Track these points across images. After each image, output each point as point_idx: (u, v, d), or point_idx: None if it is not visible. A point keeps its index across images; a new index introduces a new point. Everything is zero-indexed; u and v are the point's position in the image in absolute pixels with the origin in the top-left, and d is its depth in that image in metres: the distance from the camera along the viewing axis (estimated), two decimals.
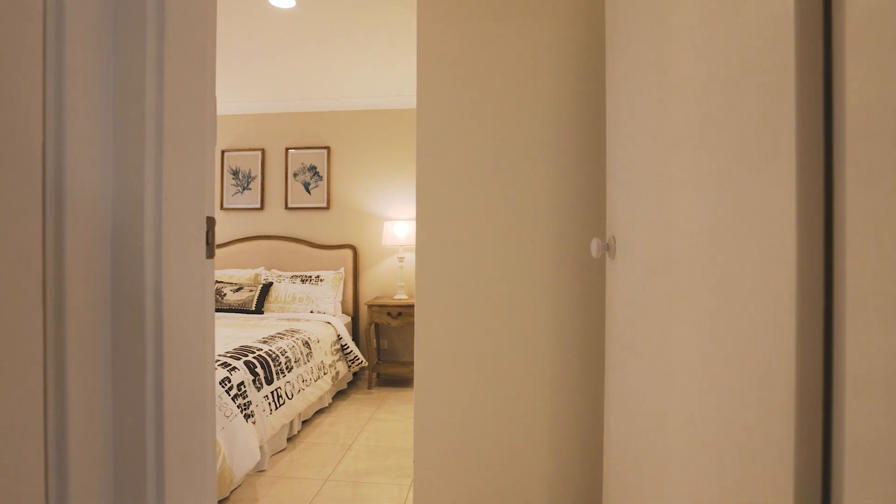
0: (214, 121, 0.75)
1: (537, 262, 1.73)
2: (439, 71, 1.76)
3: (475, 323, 1.75)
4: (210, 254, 0.73)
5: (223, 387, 2.31)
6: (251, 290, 4.08)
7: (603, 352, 1.70)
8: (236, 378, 2.43)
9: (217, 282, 4.21)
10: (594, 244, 1.40)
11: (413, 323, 4.51)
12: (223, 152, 4.69)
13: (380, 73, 3.86)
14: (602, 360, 1.70)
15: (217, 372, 2.35)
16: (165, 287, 0.62)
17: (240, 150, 4.67)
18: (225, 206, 4.69)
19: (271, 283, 4.19)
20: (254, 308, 4.00)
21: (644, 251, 1.13)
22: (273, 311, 4.08)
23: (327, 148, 4.56)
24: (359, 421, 3.38)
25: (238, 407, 2.35)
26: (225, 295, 4.08)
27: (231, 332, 3.22)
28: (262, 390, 2.59)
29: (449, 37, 1.75)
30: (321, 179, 4.57)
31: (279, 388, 2.77)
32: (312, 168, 4.58)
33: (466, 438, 1.75)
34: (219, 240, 4.73)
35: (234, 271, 4.38)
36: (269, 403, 2.63)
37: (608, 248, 1.43)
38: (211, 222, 0.72)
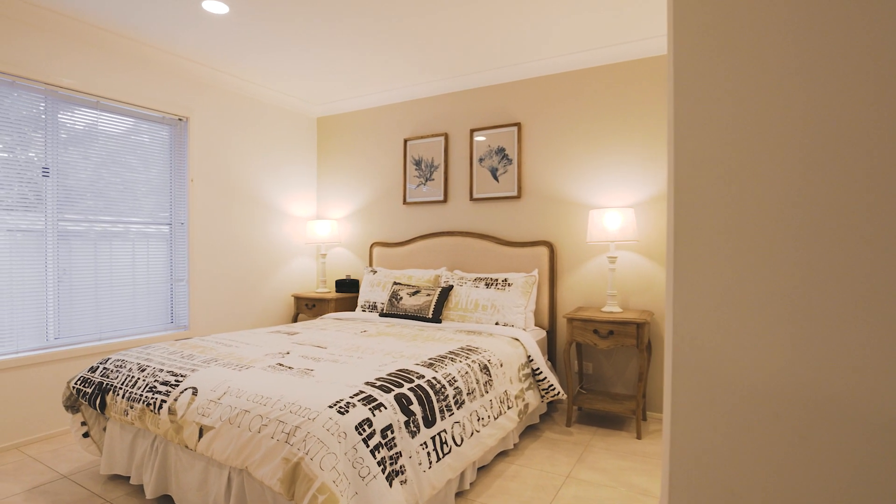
0: None
1: None
2: None
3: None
4: None
5: (360, 433, 1.67)
6: (429, 295, 3.53)
7: None
8: (381, 420, 1.78)
9: (395, 283, 3.79)
10: None
11: (630, 345, 3.39)
12: (405, 141, 4.29)
13: (580, 16, 2.90)
14: None
15: (355, 411, 1.73)
16: None
17: (422, 137, 4.21)
18: (407, 200, 4.28)
19: (451, 287, 3.58)
20: (430, 315, 3.43)
21: None
22: (452, 321, 3.46)
23: (517, 125, 3.78)
24: (552, 478, 2.48)
25: (379, 463, 1.69)
26: (401, 299, 3.61)
27: (397, 347, 2.65)
28: (418, 436, 1.91)
29: None
30: (510, 163, 3.81)
31: (443, 431, 2.05)
32: (500, 150, 3.85)
33: None
34: (399, 237, 4.35)
35: (413, 271, 3.91)
36: (429, 453, 1.93)
37: None
38: None
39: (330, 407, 1.71)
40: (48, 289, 3.03)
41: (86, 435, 2.47)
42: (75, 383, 2.41)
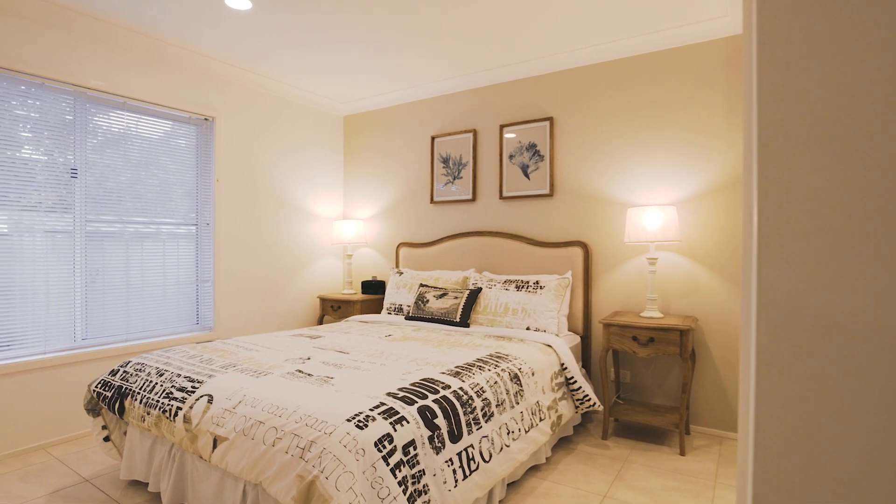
0: None
1: None
2: None
3: None
4: None
5: (380, 450, 1.54)
6: (456, 297, 3.38)
7: None
8: (403, 436, 1.64)
9: (421, 285, 3.66)
10: None
11: (673, 354, 3.18)
12: (432, 139, 4.16)
13: (618, 2, 2.71)
14: None
15: (374, 425, 1.60)
16: None
17: (449, 133, 4.07)
18: (435, 199, 4.15)
19: (480, 289, 3.42)
20: (458, 319, 3.28)
21: None
22: (480, 325, 3.30)
23: (549, 119, 3.59)
24: (588, 496, 2.30)
25: (400, 483, 1.55)
26: (427, 301, 3.48)
27: (422, 353, 2.52)
28: (443, 452, 1.77)
29: None
30: (542, 160, 3.63)
31: (470, 446, 1.91)
32: (531, 146, 3.67)
33: None
34: (426, 237, 4.23)
35: (441, 273, 3.77)
36: (454, 471, 1.79)
37: None
38: None
39: (348, 420, 1.59)
40: (76, 290, 3.03)
41: (106, 439, 2.43)
42: (96, 386, 2.36)
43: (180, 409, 1.95)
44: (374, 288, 4.30)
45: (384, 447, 1.56)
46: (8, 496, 2.31)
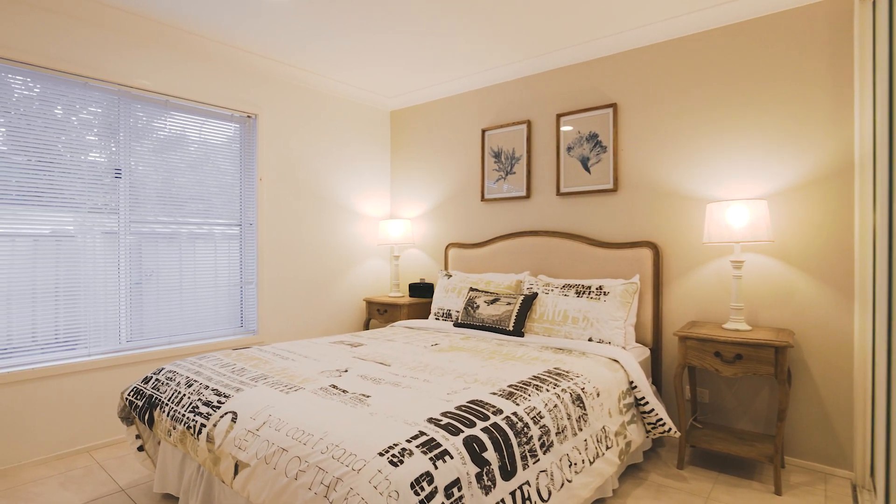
0: None
1: None
2: None
3: None
4: None
5: (417, 493, 1.29)
6: (509, 303, 3.09)
7: None
8: (446, 474, 1.38)
9: (471, 289, 3.38)
10: None
11: (766, 374, 2.67)
12: (483, 132, 3.88)
13: None
14: None
15: (411, 461, 1.35)
16: None
17: (501, 126, 3.77)
18: (486, 196, 3.87)
19: (535, 295, 3.11)
20: (511, 328, 2.99)
21: None
22: (536, 334, 2.99)
23: (612, 106, 3.23)
24: None
25: None
26: (478, 307, 3.20)
27: (470, 368, 2.25)
28: (493, 492, 1.49)
29: None
30: (604, 151, 3.27)
31: (526, 483, 1.62)
32: (592, 137, 3.32)
33: None
34: (477, 238, 3.95)
35: (493, 276, 3.48)
36: None
37: None
38: None
39: (381, 454, 1.35)
40: (121, 291, 2.99)
41: (140, 448, 2.32)
42: (128, 394, 2.26)
43: (204, 426, 1.78)
44: (422, 291, 4.08)
45: (422, 489, 1.30)
46: None
